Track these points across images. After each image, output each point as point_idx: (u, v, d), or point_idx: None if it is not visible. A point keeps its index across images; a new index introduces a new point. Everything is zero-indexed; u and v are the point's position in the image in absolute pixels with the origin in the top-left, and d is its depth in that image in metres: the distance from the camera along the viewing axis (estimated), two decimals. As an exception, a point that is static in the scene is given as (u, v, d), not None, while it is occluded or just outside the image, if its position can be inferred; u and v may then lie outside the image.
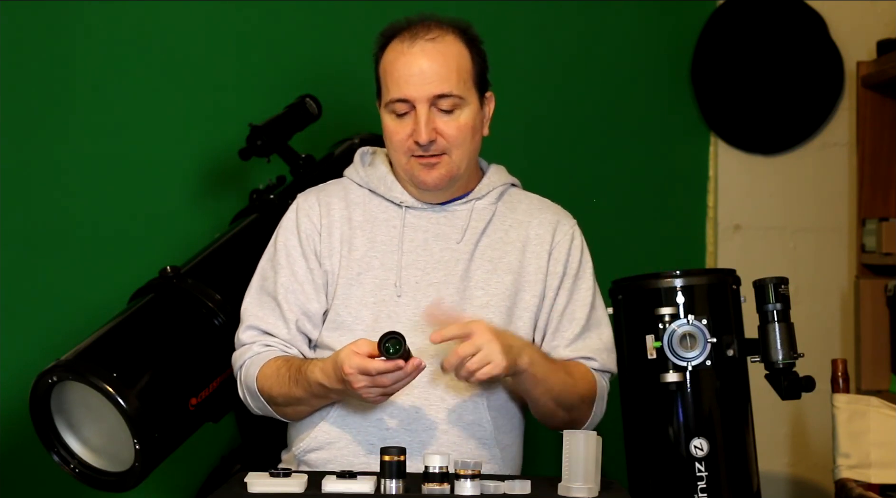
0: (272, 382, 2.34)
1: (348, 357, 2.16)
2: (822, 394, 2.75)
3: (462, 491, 2.01)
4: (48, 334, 3.20)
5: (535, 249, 2.44)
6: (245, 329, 2.43)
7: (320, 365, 2.26)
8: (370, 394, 2.19)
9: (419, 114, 2.32)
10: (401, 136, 2.36)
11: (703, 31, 3.59)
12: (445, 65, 2.33)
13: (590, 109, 3.58)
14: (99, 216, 3.32)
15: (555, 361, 2.36)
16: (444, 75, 2.33)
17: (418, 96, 2.32)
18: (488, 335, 2.19)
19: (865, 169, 3.57)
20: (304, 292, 2.40)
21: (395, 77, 2.34)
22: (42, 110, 3.31)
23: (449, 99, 2.34)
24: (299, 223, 2.44)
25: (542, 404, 2.35)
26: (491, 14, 3.46)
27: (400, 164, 2.40)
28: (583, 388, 2.37)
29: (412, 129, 2.34)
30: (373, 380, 2.16)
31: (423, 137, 2.32)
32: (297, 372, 2.31)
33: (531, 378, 2.29)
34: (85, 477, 2.50)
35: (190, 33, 3.38)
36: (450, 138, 2.35)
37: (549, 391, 2.32)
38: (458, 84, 2.34)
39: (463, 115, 2.36)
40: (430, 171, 2.36)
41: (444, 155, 2.36)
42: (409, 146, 2.35)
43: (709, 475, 2.50)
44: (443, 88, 2.33)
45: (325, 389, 2.26)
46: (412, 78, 2.32)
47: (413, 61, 2.33)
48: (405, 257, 2.40)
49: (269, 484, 2.02)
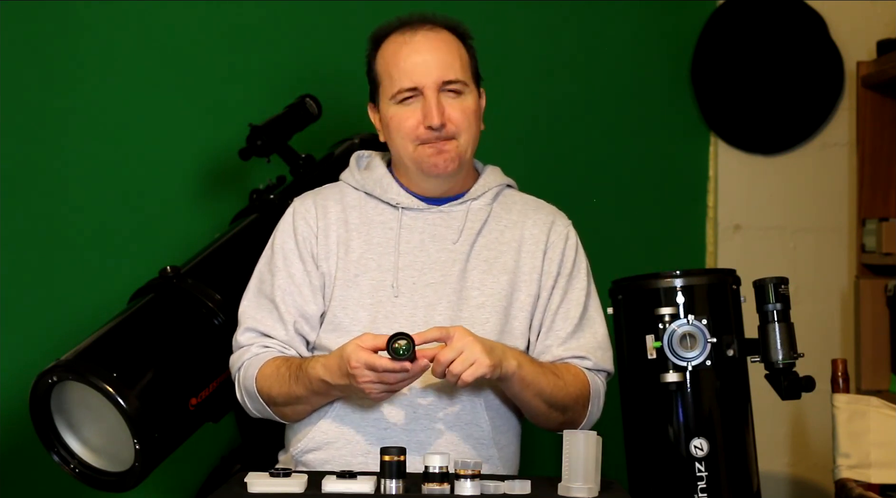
0: (272, 382, 2.34)
1: (355, 352, 2.17)
2: (822, 394, 2.75)
3: (462, 491, 2.01)
4: (48, 334, 3.20)
5: (531, 248, 2.44)
6: (243, 331, 2.43)
7: (322, 361, 2.27)
8: (374, 389, 2.20)
9: (429, 98, 2.34)
10: (410, 123, 2.37)
11: (703, 31, 3.60)
12: (449, 53, 2.37)
13: (590, 109, 3.58)
14: (99, 216, 3.32)
15: (543, 364, 2.36)
16: (449, 62, 2.36)
17: (427, 82, 2.35)
18: (468, 338, 2.20)
19: (865, 169, 3.57)
20: (302, 294, 2.41)
21: (401, 67, 2.36)
22: (42, 110, 3.31)
23: (455, 84, 2.36)
24: (296, 226, 2.45)
25: (534, 407, 2.35)
26: (491, 14, 3.46)
27: (407, 152, 2.40)
28: (575, 389, 2.37)
29: (421, 116, 2.35)
30: (378, 376, 2.17)
31: (436, 120, 2.34)
32: (297, 369, 2.31)
33: (519, 381, 2.29)
34: (85, 477, 2.50)
35: (190, 33, 3.38)
36: (457, 122, 2.37)
37: (539, 394, 2.32)
38: (462, 71, 2.38)
39: (467, 99, 2.39)
40: (439, 155, 2.37)
41: (454, 139, 2.37)
42: (419, 134, 2.37)
43: (709, 475, 2.50)
44: (449, 74, 2.36)
45: (327, 385, 2.26)
46: (418, 66, 2.35)
47: (417, 49, 2.36)
48: (402, 258, 2.40)
49: (269, 484, 2.03)
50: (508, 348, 2.30)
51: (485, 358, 2.19)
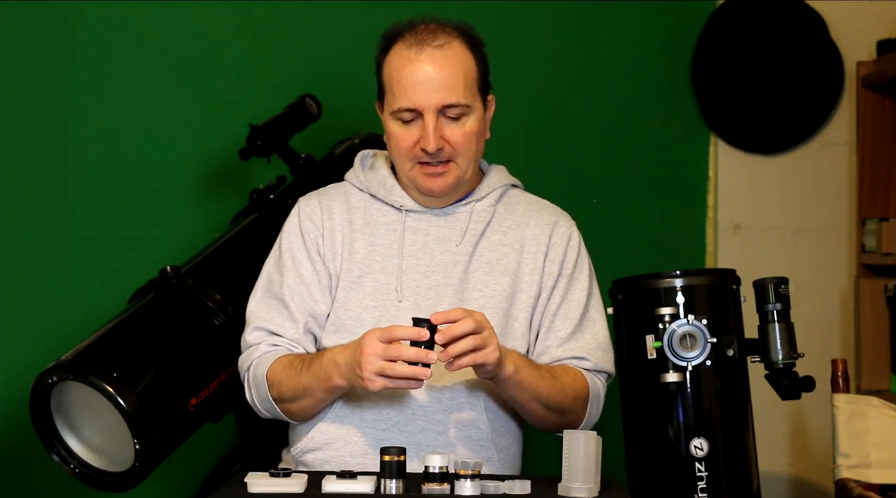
0: (283, 376, 2.32)
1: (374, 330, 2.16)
2: (822, 394, 2.75)
3: (462, 491, 2.01)
4: (48, 334, 3.20)
5: (532, 249, 2.44)
6: (252, 331, 2.42)
7: (342, 345, 2.27)
8: (372, 366, 2.13)
9: (427, 122, 2.32)
10: (407, 143, 2.35)
11: (703, 31, 3.60)
12: (453, 73, 2.32)
13: (590, 109, 3.58)
14: (99, 216, 3.32)
15: (541, 367, 2.35)
16: (452, 84, 2.32)
17: (426, 105, 2.31)
18: (490, 324, 2.19)
19: (865, 169, 3.57)
20: (311, 294, 2.40)
21: (403, 86, 2.33)
22: (42, 110, 3.31)
23: (456, 108, 2.33)
24: (302, 226, 2.44)
25: (532, 410, 2.34)
26: (491, 15, 3.46)
27: (404, 170, 2.39)
28: (573, 391, 2.36)
29: (419, 136, 2.33)
30: (384, 349, 2.13)
31: (432, 146, 2.32)
32: (312, 358, 2.30)
33: (516, 385, 2.28)
34: (85, 477, 2.50)
35: (190, 33, 3.38)
36: (456, 146, 2.35)
37: (536, 397, 2.31)
38: (465, 93, 2.34)
39: (469, 122, 2.35)
40: (435, 179, 2.36)
41: (451, 162, 2.36)
42: (416, 153, 2.35)
43: (709, 475, 2.50)
44: (450, 98, 2.32)
45: (336, 365, 2.22)
46: (420, 86, 2.31)
47: (420, 69, 2.32)
48: (405, 261, 2.39)
49: (269, 484, 2.02)
50: (510, 352, 2.29)
51: (495, 350, 2.18)
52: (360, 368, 2.15)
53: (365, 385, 2.16)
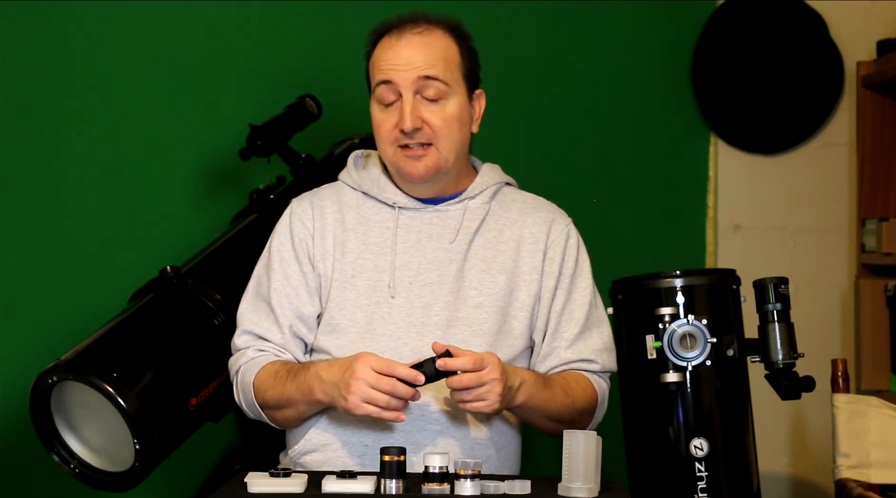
0: (268, 384, 2.34)
1: (371, 356, 2.18)
2: (822, 394, 2.75)
3: (462, 491, 2.01)
4: (48, 334, 3.20)
5: (530, 247, 2.43)
6: (240, 334, 2.43)
7: (329, 360, 2.28)
8: (360, 392, 2.16)
9: (404, 100, 2.33)
10: (387, 126, 2.36)
11: (703, 32, 3.60)
12: (432, 53, 2.35)
13: (590, 109, 3.58)
14: (99, 216, 3.32)
15: (553, 386, 2.35)
16: (430, 61, 2.34)
17: (402, 80, 2.33)
18: (496, 373, 2.19)
19: (865, 169, 3.57)
20: (298, 296, 2.40)
21: (381, 66, 2.36)
22: (42, 110, 3.31)
23: (434, 84, 2.34)
24: (292, 227, 2.45)
25: (541, 425, 2.38)
26: (491, 14, 3.46)
27: (387, 156, 2.40)
28: (584, 403, 2.39)
29: (398, 119, 2.34)
30: (376, 379, 2.15)
31: (408, 124, 2.33)
32: (298, 369, 2.31)
33: (528, 411, 2.32)
34: (85, 477, 2.50)
35: (190, 33, 3.38)
36: (435, 128, 2.35)
37: (547, 417, 2.35)
38: (444, 71, 2.35)
39: (449, 104, 2.36)
40: (415, 162, 2.36)
41: (431, 146, 2.36)
42: (396, 136, 2.36)
43: (709, 475, 2.50)
44: (427, 71, 2.33)
45: (320, 380, 2.23)
46: (399, 62, 2.34)
47: (399, 51, 2.35)
48: (398, 258, 2.40)
49: (269, 484, 2.02)
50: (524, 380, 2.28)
51: (496, 401, 2.20)
52: (347, 390, 2.17)
53: (348, 407, 2.19)
